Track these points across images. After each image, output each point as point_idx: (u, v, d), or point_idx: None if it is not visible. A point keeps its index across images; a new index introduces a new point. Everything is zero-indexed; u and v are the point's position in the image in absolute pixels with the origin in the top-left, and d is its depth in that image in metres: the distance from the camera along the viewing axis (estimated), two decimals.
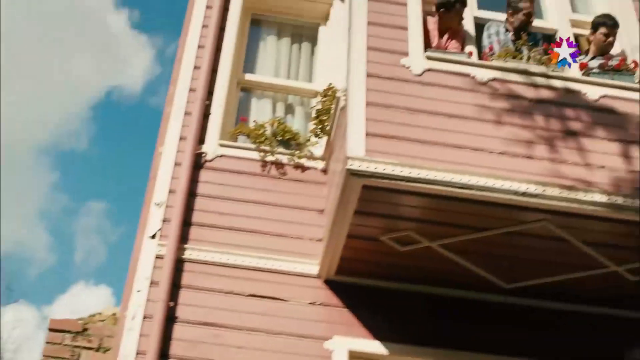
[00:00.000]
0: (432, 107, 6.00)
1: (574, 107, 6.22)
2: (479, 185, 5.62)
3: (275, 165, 7.09)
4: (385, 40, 6.35)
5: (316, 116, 7.15)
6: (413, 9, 6.62)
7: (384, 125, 5.82)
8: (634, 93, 6.41)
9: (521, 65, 6.36)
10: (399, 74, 6.16)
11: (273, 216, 6.82)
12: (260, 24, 8.57)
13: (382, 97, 5.98)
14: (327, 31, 8.46)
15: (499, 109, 6.09)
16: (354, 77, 6.08)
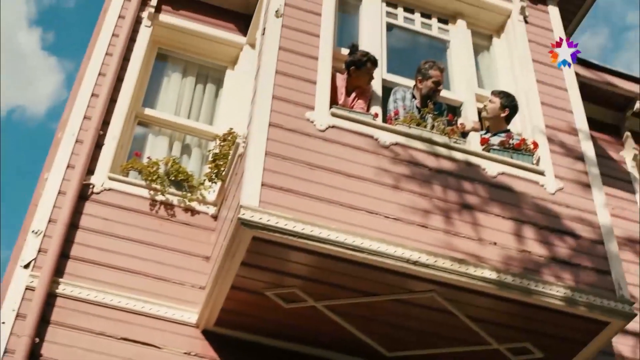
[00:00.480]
0: (332, 165, 5.89)
1: (473, 181, 6.23)
2: (370, 249, 5.51)
3: (164, 206, 6.81)
4: (292, 92, 6.23)
5: (213, 160, 6.94)
6: (323, 64, 6.55)
7: (282, 178, 5.67)
8: (531, 173, 6.48)
9: (424, 133, 6.35)
10: (303, 127, 6.04)
11: (156, 258, 6.51)
12: (166, 59, 8.34)
13: (282, 149, 5.83)
14: (233, 76, 8.30)
15: (398, 174, 6.03)
16: (256, 124, 5.92)
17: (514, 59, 7.60)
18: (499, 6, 7.90)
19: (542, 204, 6.33)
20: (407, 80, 7.11)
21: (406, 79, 7.14)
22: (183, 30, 8.24)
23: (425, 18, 7.81)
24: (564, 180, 6.58)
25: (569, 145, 6.90)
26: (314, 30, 6.80)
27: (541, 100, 7.18)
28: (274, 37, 6.56)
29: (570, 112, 7.21)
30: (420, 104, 6.85)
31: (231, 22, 8.45)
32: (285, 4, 6.87)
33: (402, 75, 7.23)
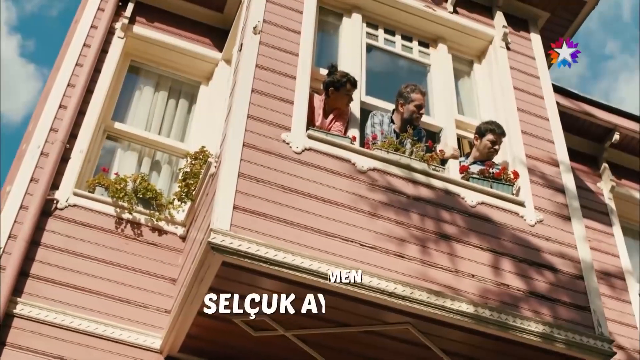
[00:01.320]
0: (308, 189, 5.67)
1: (451, 210, 6.04)
2: None
3: (131, 224, 6.55)
4: (268, 111, 6.02)
5: (183, 178, 6.69)
6: (301, 84, 6.35)
7: (254, 201, 5.44)
8: (511, 204, 6.31)
9: (403, 159, 6.16)
10: (278, 148, 5.82)
11: (120, 279, 6.24)
12: (138, 72, 8.08)
13: (256, 171, 5.61)
14: (207, 92, 8.07)
15: (375, 201, 5.83)
16: (230, 144, 5.69)
17: (494, 86, 7.45)
18: (481, 31, 7.76)
19: (521, 235, 6.16)
20: (385, 103, 6.93)
21: (385, 102, 6.96)
22: (157, 43, 8.00)
23: (406, 40, 7.64)
24: (544, 212, 6.42)
25: (550, 176, 6.75)
26: (293, 48, 6.60)
27: (522, 129, 7.03)
28: (251, 54, 6.35)
29: (551, 142, 7.06)
30: (399, 129, 6.66)
31: (207, 37, 8.23)
32: (263, 20, 6.67)
33: (381, 98, 7.04)
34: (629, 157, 9.41)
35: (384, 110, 6.85)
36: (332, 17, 7.52)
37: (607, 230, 8.64)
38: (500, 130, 6.78)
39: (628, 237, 9.11)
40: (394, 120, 6.75)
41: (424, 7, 7.63)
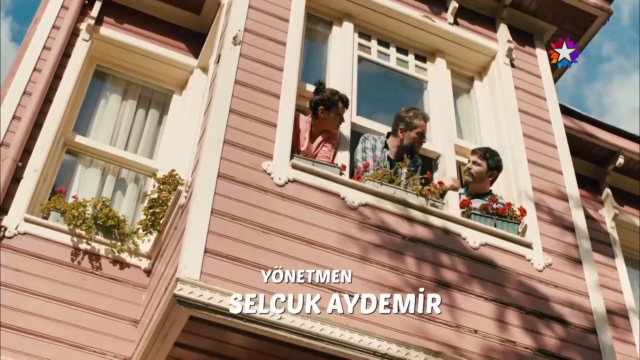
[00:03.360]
0: (291, 229, 4.96)
1: (451, 253, 5.37)
2: (331, 337, 4.59)
3: (89, 256, 5.80)
4: (248, 136, 5.29)
5: (149, 206, 5.93)
6: (286, 104, 5.63)
7: (229, 244, 4.72)
8: (517, 245, 5.64)
9: (398, 193, 5.47)
10: (258, 180, 5.10)
11: (75, 320, 5.49)
12: (104, 77, 7.30)
13: (232, 207, 4.89)
14: (181, 102, 7.31)
15: (366, 242, 5.14)
16: (202, 174, 4.96)
17: (497, 107, 6.76)
18: (483, 46, 7.07)
19: (528, 282, 5.50)
20: (378, 125, 6.23)
21: (377, 123, 6.25)
22: (126, 46, 7.23)
23: (402, 53, 6.94)
24: (553, 254, 5.76)
25: (558, 212, 6.09)
26: (277, 62, 5.87)
27: (528, 157, 6.35)
28: (230, 68, 5.62)
29: (559, 174, 6.40)
30: (394, 155, 5.97)
31: (182, 41, 7.47)
32: (244, 29, 5.94)
33: (373, 118, 6.35)
34: (632, 182, 8.78)
35: (376, 133, 6.14)
36: (321, 25, 6.80)
37: (609, 262, 8.01)
38: (480, 150, 6.11)
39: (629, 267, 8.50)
40: (388, 145, 6.04)
41: (422, 17, 6.92)
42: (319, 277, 4.78)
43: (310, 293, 4.68)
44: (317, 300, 4.65)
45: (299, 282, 4.71)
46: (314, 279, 4.76)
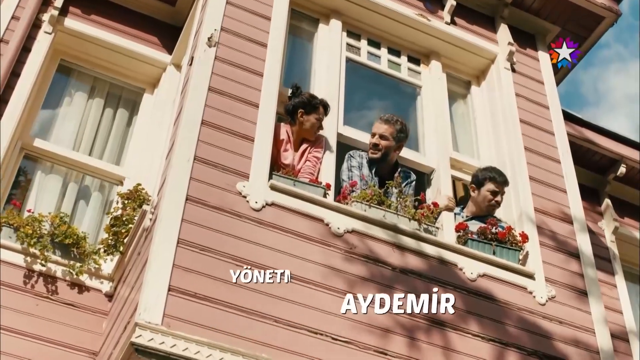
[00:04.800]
0: (268, 261, 4.41)
1: (447, 286, 4.82)
2: None
3: (44, 279, 5.22)
4: (221, 153, 4.72)
5: (112, 224, 5.34)
6: (266, 114, 5.05)
7: (197, 280, 4.16)
8: (518, 276, 5.11)
9: (388, 217, 4.92)
10: (232, 204, 4.53)
11: (25, 352, 4.92)
12: (69, 73, 6.68)
13: (201, 236, 4.32)
14: (152, 101, 6.71)
15: (352, 275, 4.59)
16: (169, 197, 4.39)
17: (497, 116, 6.21)
18: (482, 48, 6.50)
19: (530, 318, 4.97)
20: (367, 136, 5.64)
21: (367, 134, 5.67)
22: (93, 40, 6.61)
23: (394, 55, 6.36)
24: (556, 285, 5.24)
25: (562, 236, 5.56)
26: (257, 66, 5.29)
27: (530, 174, 5.82)
28: (203, 73, 5.03)
29: (563, 192, 5.87)
30: (385, 172, 5.42)
31: (155, 35, 6.86)
32: (221, 28, 5.35)
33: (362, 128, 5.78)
34: (633, 192, 8.28)
35: (364, 146, 5.57)
36: (306, 22, 6.22)
37: (609, 280, 7.50)
38: (502, 178, 5.55)
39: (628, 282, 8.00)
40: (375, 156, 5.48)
41: (416, 15, 6.34)
42: (300, 318, 4.23)
43: (289, 337, 4.13)
44: (296, 344, 4.10)
45: (279, 324, 4.16)
46: (294, 319, 4.21)
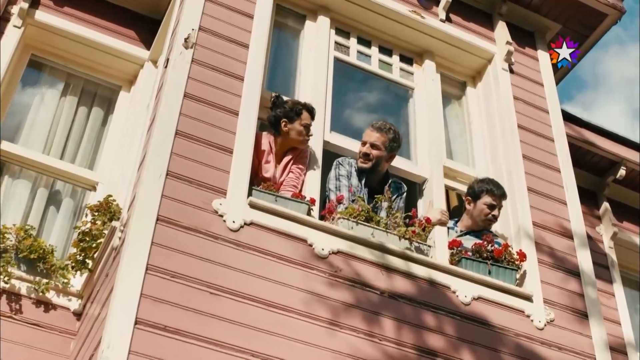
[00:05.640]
0: (246, 288, 4.06)
1: (439, 312, 4.50)
2: None
3: (7, 296, 4.86)
4: (197, 167, 4.36)
5: (80, 239, 4.97)
6: (246, 123, 4.68)
7: (168, 311, 3.80)
8: (515, 298, 4.77)
9: (377, 235, 4.57)
10: (207, 224, 4.17)
11: None
12: (41, 68, 6.29)
13: (173, 261, 3.96)
14: (129, 99, 6.33)
15: (337, 302, 4.24)
16: (138, 217, 4.02)
17: (493, 120, 5.86)
18: (479, 47, 6.14)
19: (527, 345, 4.65)
20: (356, 143, 5.29)
21: (355, 141, 5.31)
22: (66, 34, 6.21)
23: (385, 54, 6.00)
24: (556, 307, 4.91)
25: (562, 253, 5.23)
26: (237, 69, 4.92)
27: (528, 185, 5.47)
28: (179, 77, 4.66)
29: (563, 204, 5.53)
30: (374, 182, 5.07)
31: (132, 28, 6.47)
32: (199, 28, 4.97)
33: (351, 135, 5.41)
34: (633, 195, 7.95)
35: (353, 154, 5.22)
36: (292, 19, 5.84)
37: (606, 289, 7.19)
38: (500, 191, 5.22)
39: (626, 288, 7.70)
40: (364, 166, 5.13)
41: (409, 12, 5.97)
42: (279, 352, 3.88)
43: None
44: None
45: (258, 358, 3.82)
46: (274, 353, 3.87)
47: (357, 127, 5.48)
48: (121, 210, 4.86)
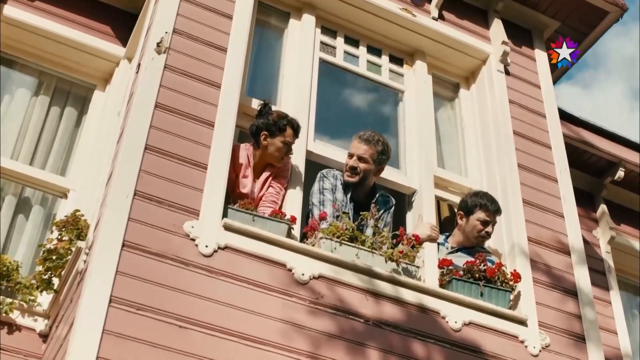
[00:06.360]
0: (218, 319, 3.75)
1: (427, 340, 4.21)
2: None
3: None
4: (167, 185, 4.05)
5: (45, 257, 4.65)
6: (223, 136, 4.36)
7: (132, 349, 3.51)
8: (508, 322, 4.48)
9: (362, 257, 4.27)
10: (177, 249, 3.86)
11: None
12: (11, 66, 5.95)
13: (139, 292, 3.66)
14: (104, 98, 6.00)
15: (319, 332, 3.94)
16: (102, 243, 3.72)
17: (487, 125, 5.55)
18: (473, 47, 5.82)
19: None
20: (342, 153, 4.97)
21: (342, 150, 5.00)
22: (37, 30, 5.87)
23: (374, 54, 5.67)
24: (551, 330, 4.63)
25: (558, 271, 4.95)
26: (214, 76, 4.59)
27: (524, 197, 5.17)
28: (150, 86, 4.33)
29: (560, 217, 5.23)
30: (362, 196, 4.77)
31: (107, 24, 6.13)
32: (173, 30, 4.63)
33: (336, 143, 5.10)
34: (632, 196, 7.67)
35: (338, 165, 4.91)
36: (275, 17, 5.50)
37: (603, 296, 6.92)
38: (494, 206, 4.91)
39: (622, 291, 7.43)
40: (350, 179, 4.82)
41: (400, 9, 5.64)
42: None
43: None
44: None
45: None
46: None
47: (343, 134, 5.17)
48: (89, 227, 4.54)
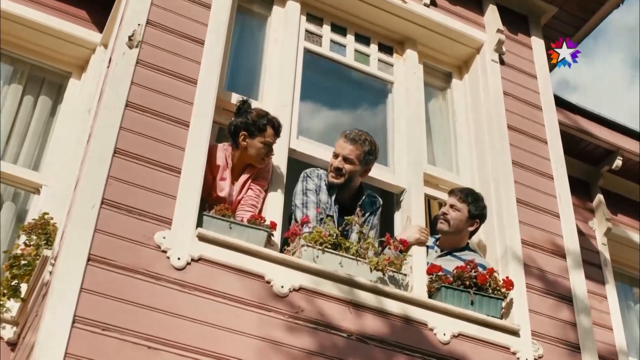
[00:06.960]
0: (190, 340, 3.52)
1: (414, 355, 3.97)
2: None
3: None
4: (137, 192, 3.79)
5: (11, 264, 4.40)
6: (198, 137, 4.10)
7: None
8: (500, 333, 4.27)
9: (346, 265, 4.04)
10: (147, 262, 3.62)
11: None
12: None
13: (105, 310, 3.42)
14: (79, 87, 5.73)
15: (298, 349, 3.72)
16: (65, 257, 3.47)
17: (480, 119, 5.30)
18: (466, 35, 5.54)
19: None
20: (327, 150, 4.71)
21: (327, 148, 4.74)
22: (9, 16, 5.58)
23: (362, 44, 5.40)
24: (545, 340, 4.42)
25: (553, 276, 4.72)
26: (190, 71, 4.31)
27: (518, 196, 4.93)
28: (120, 84, 4.06)
29: (556, 217, 5.00)
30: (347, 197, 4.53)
31: (83, 8, 5.85)
32: (147, 22, 4.35)
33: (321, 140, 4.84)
34: (629, 185, 7.45)
35: (322, 164, 4.65)
36: (257, 4, 5.22)
37: (598, 290, 6.73)
38: (460, 192, 4.67)
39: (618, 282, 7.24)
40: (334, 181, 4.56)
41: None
42: None
43: None
44: None
45: None
46: None
47: (327, 130, 4.91)
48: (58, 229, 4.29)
